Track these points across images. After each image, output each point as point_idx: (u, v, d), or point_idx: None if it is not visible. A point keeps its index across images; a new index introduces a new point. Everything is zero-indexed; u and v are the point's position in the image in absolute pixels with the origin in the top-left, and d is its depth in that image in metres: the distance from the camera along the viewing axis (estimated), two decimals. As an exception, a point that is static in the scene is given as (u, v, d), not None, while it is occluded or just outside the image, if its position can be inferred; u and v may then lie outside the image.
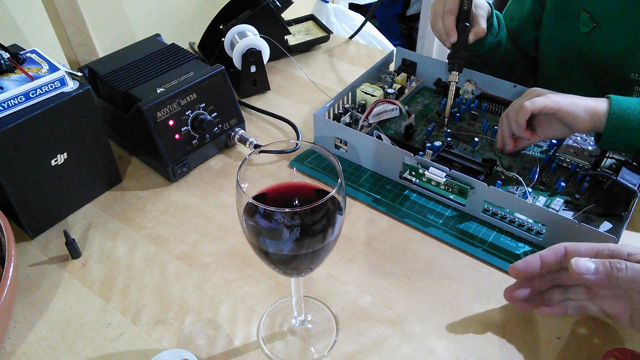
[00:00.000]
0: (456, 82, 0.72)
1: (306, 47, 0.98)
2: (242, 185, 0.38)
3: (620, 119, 0.59)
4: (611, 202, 0.58)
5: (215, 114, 0.69)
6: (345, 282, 0.55)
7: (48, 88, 0.55)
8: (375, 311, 0.52)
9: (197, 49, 0.93)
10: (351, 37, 1.04)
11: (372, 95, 0.74)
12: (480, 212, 0.61)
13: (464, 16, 0.71)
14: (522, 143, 0.66)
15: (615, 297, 0.45)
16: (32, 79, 0.54)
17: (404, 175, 0.66)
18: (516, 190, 0.63)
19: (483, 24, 0.73)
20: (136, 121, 0.65)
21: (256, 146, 0.71)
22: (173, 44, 0.76)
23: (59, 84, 0.56)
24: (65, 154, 0.59)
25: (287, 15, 0.96)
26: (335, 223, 0.39)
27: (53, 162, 0.58)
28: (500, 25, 0.79)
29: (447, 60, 0.74)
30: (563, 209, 0.60)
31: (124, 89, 0.67)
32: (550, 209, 0.58)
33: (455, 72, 0.72)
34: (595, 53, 0.74)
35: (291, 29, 1.00)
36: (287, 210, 0.35)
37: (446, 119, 0.74)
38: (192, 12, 1.14)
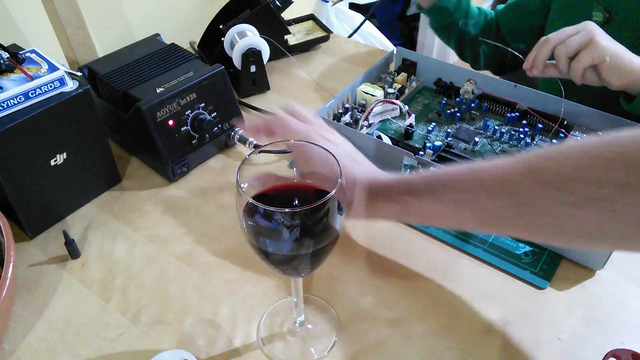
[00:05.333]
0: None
1: (306, 47, 0.98)
2: (242, 185, 0.38)
3: None
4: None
5: (215, 113, 0.69)
6: (345, 282, 0.55)
7: (47, 88, 0.55)
8: (376, 311, 0.52)
9: (197, 49, 0.93)
10: (350, 35, 1.04)
11: (372, 95, 0.74)
12: (481, 212, 0.61)
13: None
14: (550, 72, 0.65)
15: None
16: (32, 78, 0.54)
17: (404, 175, 0.66)
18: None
19: None
20: (136, 121, 0.65)
21: (256, 146, 0.71)
22: (173, 43, 0.76)
23: (59, 84, 0.56)
24: (64, 154, 0.59)
25: (287, 15, 0.96)
26: (335, 223, 0.38)
27: (52, 162, 0.58)
28: (459, 9, 0.88)
29: (448, 62, 0.74)
30: (563, 209, 0.60)
31: (124, 89, 0.66)
32: (550, 209, 0.58)
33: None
34: None
35: (291, 28, 1.00)
36: (287, 210, 0.35)
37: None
38: (192, 12, 1.14)
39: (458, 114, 0.74)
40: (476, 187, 0.41)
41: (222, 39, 0.84)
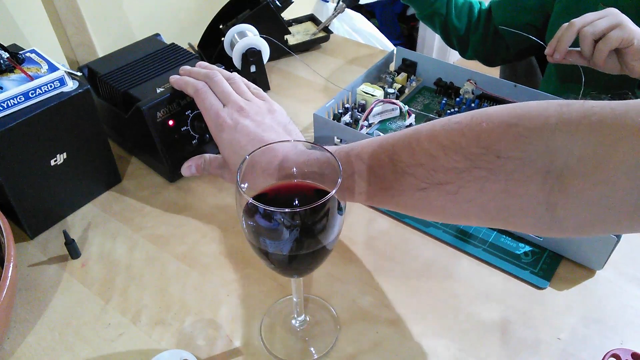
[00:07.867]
0: (341, 12, 0.89)
1: (306, 47, 0.98)
2: (242, 185, 0.38)
3: None
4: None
5: (215, 113, 0.69)
6: (345, 282, 0.55)
7: (47, 88, 0.55)
8: (375, 311, 0.52)
9: (197, 49, 0.93)
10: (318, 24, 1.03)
11: (372, 95, 0.74)
12: (481, 212, 0.61)
13: None
14: (572, 59, 0.64)
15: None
16: (32, 78, 0.54)
17: (404, 175, 0.66)
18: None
19: None
20: (136, 121, 0.65)
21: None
22: (173, 43, 0.76)
23: (59, 84, 0.56)
24: (64, 154, 0.59)
25: (287, 15, 0.96)
26: (335, 223, 0.38)
27: (52, 162, 0.58)
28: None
29: (448, 62, 0.74)
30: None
31: (124, 89, 0.66)
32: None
33: (342, 4, 0.90)
34: None
35: (291, 29, 1.00)
36: (287, 210, 0.35)
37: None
38: (192, 12, 1.14)
39: (458, 114, 0.74)
40: (357, 171, 0.45)
41: (222, 39, 0.84)
